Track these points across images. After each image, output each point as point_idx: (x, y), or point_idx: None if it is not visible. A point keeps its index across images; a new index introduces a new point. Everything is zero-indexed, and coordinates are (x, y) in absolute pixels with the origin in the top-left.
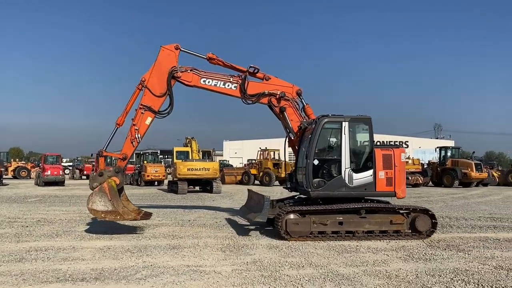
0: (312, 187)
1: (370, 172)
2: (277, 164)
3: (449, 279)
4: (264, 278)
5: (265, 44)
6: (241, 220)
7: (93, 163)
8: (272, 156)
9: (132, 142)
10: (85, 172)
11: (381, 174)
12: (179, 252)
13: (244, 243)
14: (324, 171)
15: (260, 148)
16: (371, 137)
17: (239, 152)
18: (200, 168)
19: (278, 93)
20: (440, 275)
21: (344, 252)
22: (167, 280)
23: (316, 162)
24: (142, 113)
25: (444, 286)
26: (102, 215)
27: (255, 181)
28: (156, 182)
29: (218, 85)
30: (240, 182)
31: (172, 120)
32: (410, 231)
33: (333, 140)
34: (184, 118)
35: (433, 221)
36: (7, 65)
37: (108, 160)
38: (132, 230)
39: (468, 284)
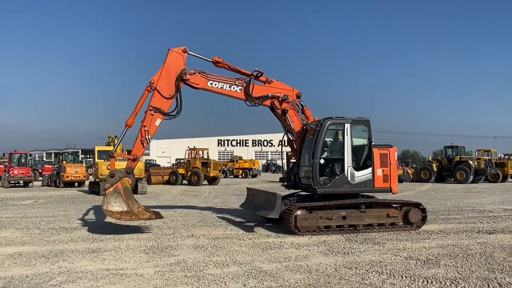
0: (319, 184)
1: (369, 170)
2: (205, 163)
3: (364, 271)
4: (187, 279)
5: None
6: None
7: (5, 163)
8: (201, 155)
9: (142, 143)
10: None
11: (379, 172)
12: (98, 255)
13: (168, 244)
14: (329, 169)
15: (188, 147)
16: (370, 137)
17: (167, 151)
18: None
19: (281, 96)
20: (356, 267)
21: (268, 249)
22: (85, 285)
23: (322, 161)
24: (151, 114)
25: (360, 278)
26: (118, 215)
27: (183, 180)
28: (76, 183)
29: (224, 88)
30: (168, 182)
31: (96, 118)
32: (403, 223)
33: (336, 140)
34: (109, 116)
35: (423, 214)
36: None
37: (23, 160)
38: (48, 234)
39: (381, 275)
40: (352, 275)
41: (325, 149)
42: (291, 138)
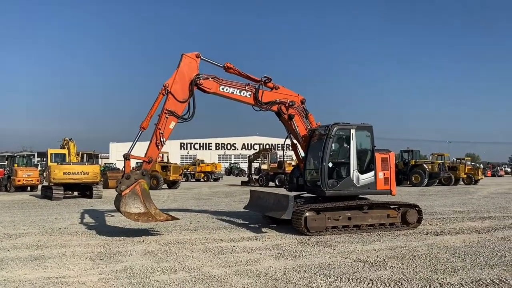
0: (328, 187)
1: (372, 173)
2: (165, 167)
3: (312, 274)
4: (132, 286)
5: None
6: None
7: None
8: (161, 159)
9: (157, 146)
10: None
11: (380, 175)
12: (41, 263)
13: (117, 250)
14: (336, 172)
15: None
16: (372, 142)
17: None
18: (78, 172)
19: (288, 102)
20: (305, 270)
21: (220, 254)
22: None
23: (330, 164)
24: (166, 117)
25: (307, 281)
26: (135, 217)
27: None
28: (28, 188)
29: (234, 93)
30: None
31: (55, 120)
32: (401, 223)
33: (342, 145)
34: (67, 118)
35: (419, 215)
36: None
37: None
38: None
39: (329, 277)
40: (300, 279)
41: (333, 153)
42: (295, 143)
